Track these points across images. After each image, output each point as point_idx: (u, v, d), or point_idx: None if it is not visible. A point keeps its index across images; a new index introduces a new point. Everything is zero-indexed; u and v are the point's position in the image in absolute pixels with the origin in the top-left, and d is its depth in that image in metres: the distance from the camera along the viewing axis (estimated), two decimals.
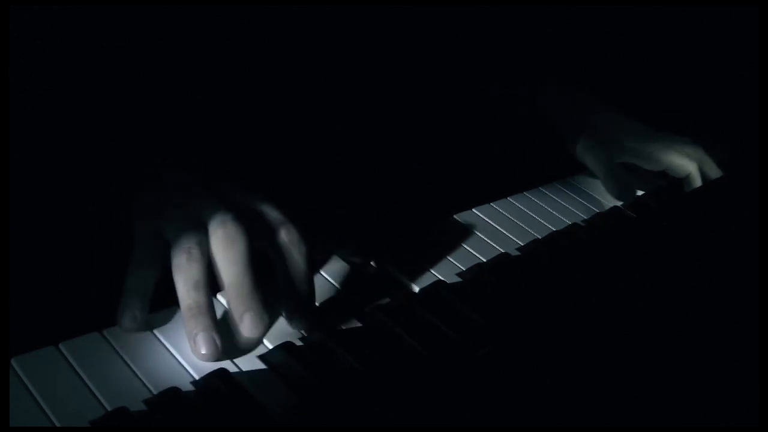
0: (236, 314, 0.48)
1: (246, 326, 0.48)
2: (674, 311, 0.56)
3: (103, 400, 0.43)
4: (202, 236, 0.49)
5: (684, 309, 0.57)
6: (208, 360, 0.47)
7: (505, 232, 0.67)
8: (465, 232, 0.65)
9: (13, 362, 0.43)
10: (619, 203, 0.77)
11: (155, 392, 0.44)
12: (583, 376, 0.49)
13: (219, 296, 0.52)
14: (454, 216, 0.67)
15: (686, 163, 0.79)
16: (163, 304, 0.50)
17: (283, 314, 0.51)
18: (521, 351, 0.50)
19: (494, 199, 0.71)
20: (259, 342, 0.49)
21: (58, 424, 0.41)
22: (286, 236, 0.50)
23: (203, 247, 0.48)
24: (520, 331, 0.52)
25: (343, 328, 0.52)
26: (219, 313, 0.49)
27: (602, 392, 0.48)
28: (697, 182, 0.79)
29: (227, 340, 0.48)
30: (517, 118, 0.85)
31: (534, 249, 0.64)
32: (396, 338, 0.50)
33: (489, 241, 0.65)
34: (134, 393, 0.44)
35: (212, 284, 0.49)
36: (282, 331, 0.51)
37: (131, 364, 0.46)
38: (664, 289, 0.58)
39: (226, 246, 0.48)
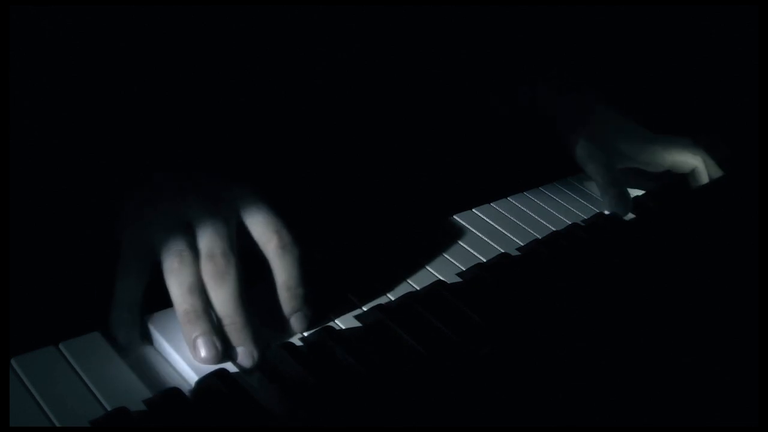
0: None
1: (238, 359, 0.48)
2: (674, 311, 0.56)
3: (103, 400, 0.43)
4: (192, 238, 0.48)
5: (684, 309, 0.57)
6: (208, 363, 0.47)
7: (505, 232, 0.67)
8: (465, 232, 0.65)
9: (13, 362, 0.43)
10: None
11: (155, 392, 0.44)
12: (583, 376, 0.49)
13: None
14: (454, 216, 0.67)
15: (690, 159, 0.79)
16: (162, 304, 0.50)
17: (282, 316, 0.51)
18: (521, 351, 0.50)
19: (494, 199, 0.71)
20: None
21: (58, 424, 0.41)
22: (279, 240, 0.50)
23: (195, 249, 0.48)
24: (520, 331, 0.52)
25: (343, 328, 0.52)
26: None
27: (602, 392, 0.48)
28: (703, 176, 0.79)
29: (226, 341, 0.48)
30: (518, 123, 0.85)
31: (534, 249, 0.64)
32: (396, 338, 0.50)
33: (489, 241, 0.65)
34: (134, 393, 0.44)
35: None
36: (282, 331, 0.51)
37: (131, 364, 0.46)
38: (663, 289, 0.58)
39: (216, 283, 0.47)
